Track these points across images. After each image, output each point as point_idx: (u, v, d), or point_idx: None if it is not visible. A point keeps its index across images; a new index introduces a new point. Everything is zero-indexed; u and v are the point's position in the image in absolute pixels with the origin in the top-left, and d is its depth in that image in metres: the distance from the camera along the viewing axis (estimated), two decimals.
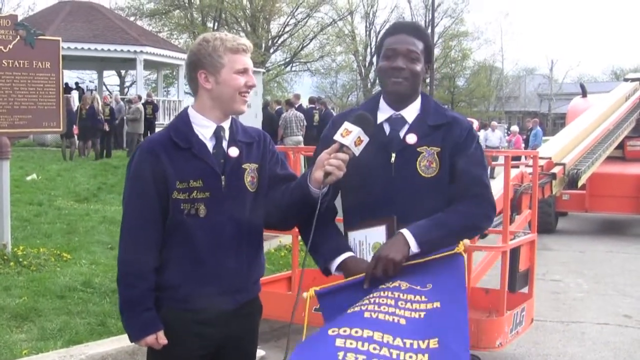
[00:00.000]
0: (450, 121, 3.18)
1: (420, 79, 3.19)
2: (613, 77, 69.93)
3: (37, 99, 8.12)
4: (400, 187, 3.07)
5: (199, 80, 3.06)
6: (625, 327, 7.83)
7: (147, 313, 3.01)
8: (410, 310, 2.86)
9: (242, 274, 3.11)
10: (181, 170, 2.99)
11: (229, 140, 3.11)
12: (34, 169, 17.72)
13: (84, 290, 7.26)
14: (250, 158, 3.13)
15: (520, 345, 6.91)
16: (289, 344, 2.98)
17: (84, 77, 47.54)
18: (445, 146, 3.12)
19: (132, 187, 3.05)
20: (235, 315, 3.11)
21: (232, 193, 3.05)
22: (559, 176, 11.24)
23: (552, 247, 13.10)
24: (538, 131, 26.40)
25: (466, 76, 61.20)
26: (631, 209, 14.82)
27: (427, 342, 2.78)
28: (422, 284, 2.92)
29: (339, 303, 3.00)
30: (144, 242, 3.00)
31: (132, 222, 3.04)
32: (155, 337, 3.02)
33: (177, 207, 2.99)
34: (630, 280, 10.25)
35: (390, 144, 3.13)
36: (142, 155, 3.04)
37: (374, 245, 3.03)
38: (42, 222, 10.97)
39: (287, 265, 8.13)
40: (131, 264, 3.03)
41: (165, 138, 3.06)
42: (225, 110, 3.10)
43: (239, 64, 3.05)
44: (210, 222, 3.00)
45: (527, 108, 65.82)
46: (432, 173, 3.09)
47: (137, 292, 3.01)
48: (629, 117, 15.23)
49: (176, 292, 3.04)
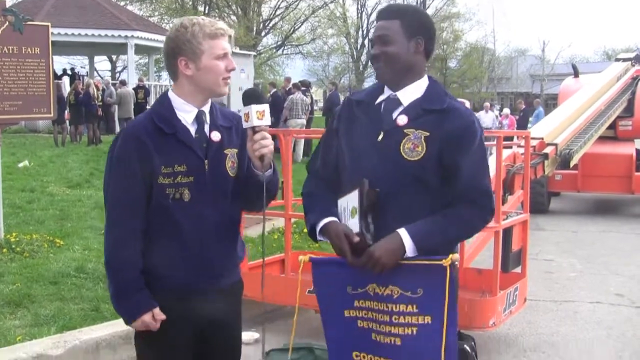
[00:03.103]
0: (447, 109, 3.08)
1: (400, 59, 3.10)
2: (605, 57, 69.87)
3: (27, 85, 8.08)
4: (383, 167, 3.05)
5: (179, 67, 3.05)
6: (617, 305, 7.88)
7: (139, 293, 3.03)
8: (404, 326, 2.98)
9: (225, 257, 3.15)
10: (166, 155, 2.99)
11: (211, 125, 3.11)
12: (26, 156, 17.66)
13: (77, 276, 7.26)
14: (231, 143, 3.15)
15: (513, 324, 6.94)
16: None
17: (75, 62, 47.37)
18: (436, 134, 3.02)
19: (117, 172, 3.04)
20: (219, 297, 3.14)
21: (215, 178, 3.07)
22: (551, 156, 11.26)
23: (545, 227, 13.15)
24: (540, 111, 26.41)
25: (458, 58, 61.12)
26: (623, 188, 14.86)
27: None
28: (413, 288, 2.96)
29: (332, 276, 3.11)
30: (130, 227, 3.01)
31: (118, 206, 3.04)
32: (151, 315, 3.03)
33: (162, 192, 3.00)
34: (623, 260, 10.30)
35: (380, 123, 3.12)
36: (127, 140, 3.03)
37: (351, 210, 3.04)
38: (35, 208, 10.95)
39: (280, 248, 8.13)
40: (119, 249, 3.03)
41: (148, 123, 3.06)
42: (207, 94, 3.11)
43: (219, 49, 3.05)
44: (194, 207, 3.02)
45: (519, 89, 65.74)
46: (415, 157, 3.01)
47: (127, 275, 3.02)
48: (620, 97, 15.26)
49: (159, 275, 3.05)
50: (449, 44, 58.21)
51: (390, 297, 2.98)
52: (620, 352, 6.35)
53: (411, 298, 2.95)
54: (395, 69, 3.13)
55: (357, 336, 3.08)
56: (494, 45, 64.02)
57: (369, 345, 3.06)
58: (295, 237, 9.33)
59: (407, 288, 2.96)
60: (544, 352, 6.30)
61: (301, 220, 10.42)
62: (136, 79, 28.28)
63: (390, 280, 2.98)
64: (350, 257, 2.99)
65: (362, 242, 2.97)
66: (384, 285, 3.00)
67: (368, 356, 3.07)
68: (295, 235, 9.41)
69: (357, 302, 3.06)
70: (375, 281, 3.01)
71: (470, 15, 59.64)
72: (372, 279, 3.01)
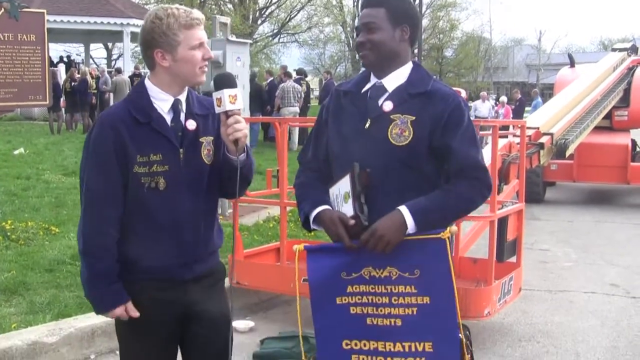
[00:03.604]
0: (430, 91, 3.10)
1: (385, 46, 3.12)
2: (601, 47, 69.90)
3: (22, 73, 8.06)
4: (372, 154, 3.06)
5: (156, 59, 3.06)
6: (612, 295, 7.90)
7: (114, 285, 3.05)
8: (403, 307, 3.00)
9: (199, 245, 3.15)
10: (141, 144, 3.00)
11: (186, 113, 3.12)
12: (22, 143, 17.64)
13: (72, 263, 7.25)
14: (207, 131, 3.15)
15: (508, 314, 6.97)
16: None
17: (70, 50, 47.22)
18: (422, 117, 3.05)
19: (93, 160, 3.05)
20: (195, 284, 3.15)
21: (190, 166, 3.08)
22: (547, 146, 11.28)
23: (541, 216, 13.17)
24: (538, 102, 26.46)
25: (454, 47, 61.00)
26: (618, 178, 14.89)
27: (422, 344, 2.99)
28: (411, 269, 2.98)
29: (325, 264, 3.10)
30: (107, 215, 3.02)
31: (94, 195, 3.05)
32: (124, 308, 3.06)
33: (138, 181, 3.01)
34: (618, 250, 10.32)
35: (367, 111, 3.14)
36: (103, 130, 3.03)
37: (344, 195, 3.06)
38: (30, 196, 10.93)
39: (275, 236, 8.14)
40: (95, 237, 3.04)
41: (124, 112, 3.06)
42: (184, 84, 3.12)
43: (194, 39, 3.04)
44: (169, 195, 3.03)
45: (516, 79, 65.81)
46: (403, 142, 3.04)
47: (103, 265, 3.04)
48: (616, 87, 15.28)
49: (135, 263, 3.07)
50: (445, 33, 58.07)
51: (389, 279, 3.00)
52: (614, 341, 6.37)
53: (410, 279, 2.97)
54: (380, 57, 3.15)
55: (349, 324, 3.08)
56: (490, 35, 64.03)
57: (362, 332, 3.07)
58: (291, 226, 9.34)
59: (405, 269, 2.97)
60: (538, 342, 6.32)
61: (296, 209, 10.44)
62: (132, 66, 28.19)
63: (388, 261, 2.99)
64: (347, 240, 3.01)
65: (358, 224, 2.98)
66: (381, 268, 3.01)
67: (361, 342, 3.07)
68: (291, 224, 9.41)
69: (351, 287, 3.06)
70: (371, 264, 3.02)
71: (467, 5, 59.52)
72: (368, 262, 3.02)
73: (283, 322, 6.60)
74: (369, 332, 3.06)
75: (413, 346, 2.99)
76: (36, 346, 5.27)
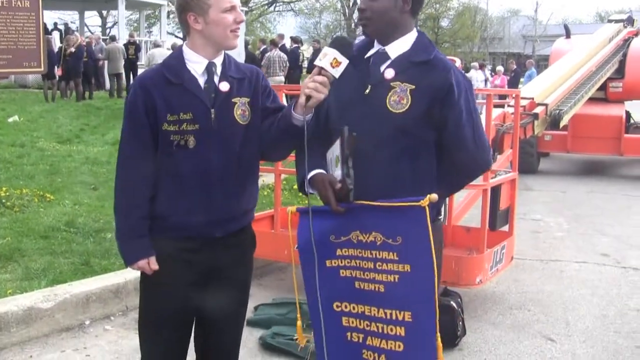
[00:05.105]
0: (432, 61, 3.10)
1: (387, 15, 3.12)
2: (598, 19, 69.68)
3: (17, 39, 8.00)
4: (369, 120, 3.08)
5: (189, 22, 3.15)
6: (602, 265, 7.97)
7: (140, 239, 3.17)
8: (386, 273, 3.02)
9: (230, 204, 3.21)
10: (172, 103, 3.10)
11: (221, 76, 3.19)
12: (16, 111, 17.60)
13: (67, 230, 7.30)
14: (241, 92, 3.21)
15: (500, 282, 7.03)
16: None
17: (65, 18, 46.91)
18: (421, 86, 3.05)
19: (127, 119, 3.17)
20: (222, 243, 3.23)
21: (222, 126, 3.14)
22: (541, 116, 11.27)
23: (534, 187, 13.23)
24: (532, 72, 26.37)
25: (450, 17, 60.78)
26: (612, 150, 14.94)
27: (403, 314, 3.01)
28: (394, 236, 2.99)
29: (315, 226, 3.12)
30: (137, 173, 3.15)
31: (126, 154, 3.19)
32: (147, 262, 3.18)
33: (167, 139, 3.10)
34: (610, 220, 10.40)
35: (368, 77, 3.15)
36: (135, 91, 3.16)
37: (335, 159, 3.09)
38: (25, 163, 10.94)
39: (270, 204, 8.17)
40: (125, 193, 3.18)
41: (157, 74, 3.18)
42: (217, 47, 3.19)
43: (225, 2, 3.11)
44: (198, 154, 3.11)
45: (511, 49, 65.58)
46: (400, 109, 3.04)
47: (131, 219, 3.17)
48: (611, 58, 15.25)
49: (165, 220, 3.17)
50: (441, 2, 57.82)
51: (374, 244, 3.02)
52: (604, 310, 6.43)
53: (392, 246, 2.99)
54: (380, 25, 3.15)
55: (339, 286, 3.11)
56: (486, 5, 63.81)
57: (351, 295, 3.10)
58: (285, 194, 9.38)
59: (389, 235, 2.99)
60: (529, 310, 6.38)
61: (291, 176, 10.46)
62: (127, 34, 28.04)
63: (373, 226, 3.02)
64: (334, 203, 3.03)
65: (344, 187, 3.00)
66: (367, 232, 3.03)
67: (351, 305, 3.11)
68: (285, 192, 9.45)
69: (340, 250, 3.09)
70: (359, 228, 3.04)
71: None
72: (355, 226, 3.05)
73: (277, 289, 6.65)
74: (357, 295, 3.09)
75: (394, 314, 3.02)
76: (31, 312, 5.30)
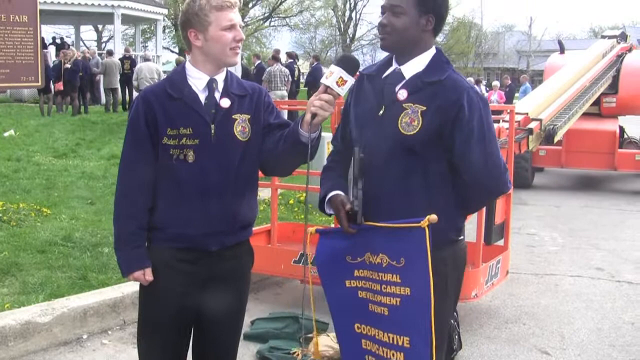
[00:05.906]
0: (444, 81, 3.04)
1: (407, 33, 3.06)
2: (591, 34, 69.95)
3: (14, 54, 8.03)
4: (382, 140, 3.07)
5: (190, 39, 3.23)
6: (597, 279, 8.00)
7: (136, 250, 3.23)
8: (390, 296, 3.03)
9: (227, 218, 3.25)
10: (172, 117, 3.17)
11: (222, 92, 3.26)
12: (12, 125, 17.62)
13: (64, 244, 7.31)
14: (242, 109, 3.27)
15: (495, 296, 7.07)
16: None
17: (60, 32, 46.96)
18: (432, 107, 3.01)
19: (128, 133, 3.25)
20: (219, 256, 3.27)
21: (222, 142, 3.19)
22: (536, 131, 11.31)
23: (529, 201, 13.27)
24: (527, 87, 26.52)
25: (445, 32, 60.83)
26: (606, 164, 15.00)
27: (402, 339, 3.02)
28: (397, 258, 2.99)
29: (333, 246, 3.16)
30: (136, 185, 3.21)
31: (125, 165, 3.26)
32: (142, 273, 3.24)
33: (167, 152, 3.17)
34: (604, 234, 10.43)
35: (383, 97, 3.13)
36: (138, 103, 3.23)
37: (350, 179, 3.12)
38: (21, 177, 10.96)
39: (266, 219, 8.19)
40: (123, 204, 3.25)
41: (160, 88, 3.27)
42: (217, 63, 3.26)
43: (225, 20, 3.17)
44: (197, 168, 3.16)
45: (506, 64, 65.78)
46: (411, 131, 3.01)
47: (128, 230, 3.23)
48: (605, 74, 15.31)
49: (163, 231, 3.24)
50: None
51: (380, 266, 3.02)
52: (599, 323, 6.46)
53: (396, 268, 2.99)
54: (400, 42, 3.10)
55: (358, 308, 3.13)
56: (481, 21, 64.00)
57: (367, 317, 3.12)
58: (281, 208, 9.40)
59: (393, 257, 2.99)
60: (524, 324, 6.41)
61: (286, 191, 10.50)
62: (122, 49, 28.12)
63: (381, 248, 3.02)
64: (345, 224, 3.05)
65: (352, 209, 3.03)
66: (376, 254, 3.04)
67: (367, 327, 3.13)
68: (281, 207, 9.48)
69: (357, 271, 3.11)
70: (370, 250, 3.05)
71: None
72: (368, 247, 3.06)
73: (273, 303, 6.67)
74: (370, 318, 3.11)
75: (395, 339, 3.03)
76: (29, 326, 5.32)
